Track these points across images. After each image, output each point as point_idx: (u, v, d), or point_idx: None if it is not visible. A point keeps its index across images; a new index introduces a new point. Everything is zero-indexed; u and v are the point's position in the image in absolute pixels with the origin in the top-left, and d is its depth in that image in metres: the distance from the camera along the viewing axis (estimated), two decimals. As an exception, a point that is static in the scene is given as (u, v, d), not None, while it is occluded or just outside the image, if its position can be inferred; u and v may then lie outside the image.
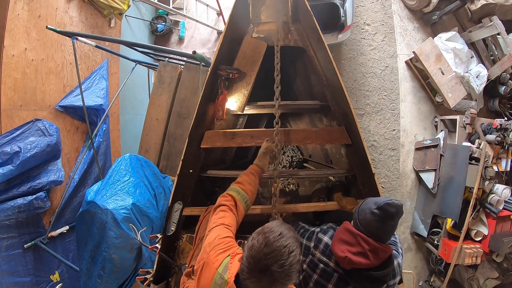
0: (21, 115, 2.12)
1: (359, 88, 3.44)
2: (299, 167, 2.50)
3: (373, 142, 3.39)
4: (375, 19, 3.52)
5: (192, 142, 1.59)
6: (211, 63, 1.53)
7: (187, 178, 1.65)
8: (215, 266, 0.94)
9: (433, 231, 3.06)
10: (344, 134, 1.65)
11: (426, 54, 3.01)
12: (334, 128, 1.82)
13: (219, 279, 0.92)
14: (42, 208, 2.08)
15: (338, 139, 1.69)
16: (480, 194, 2.82)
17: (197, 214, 1.61)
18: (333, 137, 1.69)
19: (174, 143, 2.63)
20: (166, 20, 3.91)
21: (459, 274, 3.05)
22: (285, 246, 0.83)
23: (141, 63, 3.22)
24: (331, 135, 1.69)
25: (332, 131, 1.72)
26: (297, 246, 0.86)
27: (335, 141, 1.74)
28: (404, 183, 3.37)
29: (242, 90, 1.75)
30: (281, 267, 0.80)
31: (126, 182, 2.06)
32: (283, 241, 0.84)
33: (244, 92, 1.74)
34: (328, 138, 1.69)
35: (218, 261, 0.95)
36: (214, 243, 1.01)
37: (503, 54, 3.17)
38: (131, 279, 2.05)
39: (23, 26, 2.11)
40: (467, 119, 2.96)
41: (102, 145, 2.69)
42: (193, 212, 1.63)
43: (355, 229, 1.03)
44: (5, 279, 1.94)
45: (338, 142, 1.75)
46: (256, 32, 1.61)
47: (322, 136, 1.62)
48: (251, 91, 1.75)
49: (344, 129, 1.67)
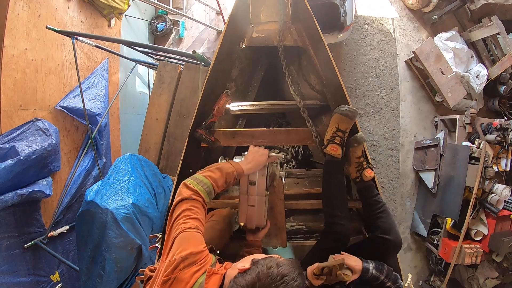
0: (21, 115, 2.12)
1: (359, 88, 3.44)
2: (305, 162, 2.47)
3: (373, 142, 3.39)
4: (375, 19, 3.52)
5: (192, 141, 1.59)
6: (211, 64, 1.53)
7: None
8: (189, 285, 0.83)
9: (433, 231, 3.06)
10: (344, 134, 1.64)
11: (426, 53, 3.01)
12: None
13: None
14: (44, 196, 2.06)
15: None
16: (480, 194, 2.82)
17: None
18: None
19: (174, 143, 2.63)
20: (166, 20, 3.91)
21: (459, 274, 3.05)
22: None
23: (141, 63, 3.23)
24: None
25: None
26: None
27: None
28: (404, 182, 3.37)
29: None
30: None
31: (126, 182, 2.06)
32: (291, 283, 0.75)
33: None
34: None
35: (192, 280, 0.83)
36: (190, 259, 0.85)
37: (503, 54, 3.17)
38: (131, 279, 2.05)
39: (23, 26, 2.11)
40: (467, 118, 2.96)
41: (102, 145, 2.70)
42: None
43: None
44: (6, 279, 1.94)
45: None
46: (256, 32, 1.61)
47: (322, 136, 1.61)
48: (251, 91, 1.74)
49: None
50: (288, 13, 1.53)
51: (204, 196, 1.00)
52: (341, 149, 1.39)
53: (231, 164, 1.13)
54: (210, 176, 1.05)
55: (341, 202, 1.37)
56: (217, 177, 1.05)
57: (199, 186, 1.00)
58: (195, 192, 0.98)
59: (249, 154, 1.23)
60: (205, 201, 1.00)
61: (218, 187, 1.05)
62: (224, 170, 1.08)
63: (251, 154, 1.22)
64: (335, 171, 1.40)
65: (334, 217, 1.32)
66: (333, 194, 1.38)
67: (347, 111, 1.34)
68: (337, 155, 1.38)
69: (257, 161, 1.20)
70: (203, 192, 1.00)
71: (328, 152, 1.39)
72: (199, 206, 0.97)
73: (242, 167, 1.15)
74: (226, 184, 1.08)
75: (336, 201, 1.37)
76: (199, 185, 1.01)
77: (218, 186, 1.05)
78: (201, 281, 0.83)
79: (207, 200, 1.01)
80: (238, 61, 1.81)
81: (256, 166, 1.20)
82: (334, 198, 1.38)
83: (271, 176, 1.30)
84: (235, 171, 1.11)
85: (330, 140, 1.40)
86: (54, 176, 2.30)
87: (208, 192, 1.01)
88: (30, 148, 1.99)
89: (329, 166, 1.42)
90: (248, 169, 1.17)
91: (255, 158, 1.20)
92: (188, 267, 0.84)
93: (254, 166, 1.19)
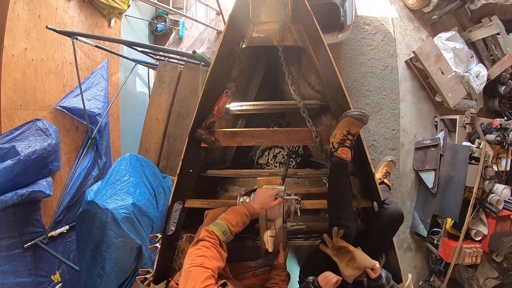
0: (21, 115, 2.12)
1: (359, 88, 3.44)
2: (305, 162, 2.48)
3: (373, 142, 3.39)
4: (375, 19, 3.52)
5: (192, 141, 1.59)
6: (211, 64, 1.53)
7: (187, 178, 1.65)
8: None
9: (433, 231, 3.06)
10: (344, 134, 1.64)
11: (426, 53, 3.01)
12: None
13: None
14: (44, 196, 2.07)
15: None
16: (480, 194, 2.82)
17: (199, 206, 1.61)
18: (333, 137, 1.68)
19: (174, 143, 2.63)
20: (166, 20, 3.91)
21: (459, 274, 3.05)
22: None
23: (141, 62, 3.23)
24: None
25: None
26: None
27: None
28: (404, 182, 3.37)
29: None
30: None
31: (126, 181, 2.06)
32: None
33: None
34: (328, 138, 1.69)
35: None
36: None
37: (503, 54, 3.17)
38: (131, 279, 2.05)
39: (23, 26, 2.11)
40: (467, 118, 2.96)
41: (102, 145, 2.70)
42: (195, 204, 1.62)
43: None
44: (7, 280, 1.94)
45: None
46: (256, 32, 1.61)
47: (322, 136, 1.61)
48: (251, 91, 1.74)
49: (344, 129, 1.66)
50: (288, 13, 1.53)
51: (219, 235, 1.12)
52: (351, 152, 1.40)
53: (243, 206, 1.27)
54: (225, 218, 1.20)
55: (347, 204, 1.38)
56: (230, 217, 1.20)
57: (214, 227, 1.14)
58: (210, 232, 1.11)
59: (256, 196, 1.32)
60: (221, 239, 1.12)
61: (233, 226, 1.18)
62: (237, 211, 1.23)
63: (258, 196, 1.31)
64: (343, 173, 1.40)
65: (339, 219, 1.33)
66: (339, 196, 1.39)
67: (361, 115, 1.34)
68: (347, 158, 1.38)
69: (265, 204, 1.29)
70: (218, 231, 1.13)
71: (339, 155, 1.39)
72: (208, 245, 1.07)
73: (253, 207, 1.27)
74: (242, 223, 1.22)
75: (342, 203, 1.38)
76: (215, 226, 1.16)
77: (233, 226, 1.18)
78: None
79: (222, 238, 1.13)
80: (238, 61, 1.81)
81: (265, 206, 1.29)
82: (340, 200, 1.38)
83: (287, 212, 1.36)
84: (247, 211, 1.24)
85: (340, 143, 1.40)
86: (54, 176, 2.30)
87: (223, 231, 1.14)
88: (30, 148, 1.99)
89: (337, 168, 1.41)
90: (258, 209, 1.28)
91: (264, 201, 1.29)
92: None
93: (264, 207, 1.29)
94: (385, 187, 2.16)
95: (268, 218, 1.34)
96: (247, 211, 1.24)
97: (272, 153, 2.47)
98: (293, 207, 1.35)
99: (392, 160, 2.46)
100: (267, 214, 1.33)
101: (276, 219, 1.34)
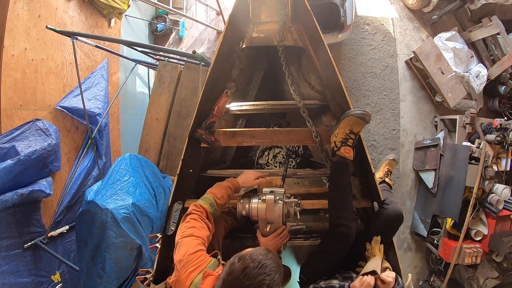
0: (21, 115, 2.12)
1: (359, 88, 3.44)
2: (305, 162, 2.48)
3: (373, 142, 3.39)
4: (375, 19, 3.52)
5: (192, 141, 1.59)
6: (211, 64, 1.53)
7: (187, 178, 1.65)
8: (186, 285, 0.91)
9: (433, 231, 3.06)
10: (344, 134, 1.63)
11: (426, 53, 3.01)
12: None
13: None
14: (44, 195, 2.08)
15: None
16: (480, 194, 2.82)
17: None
18: (333, 137, 1.68)
19: (174, 143, 2.63)
20: (166, 20, 3.91)
21: (459, 274, 3.05)
22: (264, 283, 0.81)
23: (141, 62, 3.23)
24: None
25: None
26: (278, 283, 0.85)
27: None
28: (404, 182, 3.37)
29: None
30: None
31: (126, 182, 2.06)
32: (264, 276, 0.82)
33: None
34: (328, 138, 1.69)
35: (189, 280, 0.92)
36: (184, 260, 0.97)
37: (503, 54, 3.17)
38: (131, 279, 2.05)
39: (23, 26, 2.11)
40: (467, 118, 2.96)
41: (102, 145, 2.70)
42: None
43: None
44: (7, 280, 1.94)
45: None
46: (256, 32, 1.61)
47: (322, 136, 1.61)
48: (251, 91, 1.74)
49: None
50: (288, 13, 1.53)
51: (207, 207, 1.21)
52: (353, 151, 1.39)
53: (228, 180, 1.37)
54: (211, 192, 1.30)
55: (348, 204, 1.38)
56: (215, 191, 1.30)
57: (201, 201, 1.23)
58: (197, 206, 1.20)
59: (242, 174, 1.44)
60: (208, 211, 1.21)
61: (219, 199, 1.27)
62: (221, 185, 1.34)
63: (244, 174, 1.43)
64: (344, 172, 1.39)
65: (340, 219, 1.33)
66: (340, 196, 1.38)
67: (364, 114, 1.34)
68: (349, 157, 1.38)
69: (247, 181, 1.41)
70: (205, 204, 1.22)
71: (341, 154, 1.39)
72: (196, 217, 1.15)
73: (237, 181, 1.38)
74: (227, 196, 1.32)
75: (343, 202, 1.37)
76: (202, 200, 1.25)
77: (219, 198, 1.28)
78: (197, 281, 0.92)
79: (210, 210, 1.22)
80: (238, 61, 1.81)
81: (247, 184, 1.41)
82: (341, 199, 1.38)
83: (287, 214, 1.36)
84: (231, 184, 1.35)
85: (343, 142, 1.39)
86: (54, 176, 2.30)
87: (210, 203, 1.23)
88: (30, 148, 1.99)
89: (339, 167, 1.41)
90: (241, 183, 1.39)
91: (246, 179, 1.41)
92: (184, 268, 0.94)
93: (246, 184, 1.41)
94: (386, 186, 2.16)
95: (267, 220, 1.34)
96: (231, 185, 1.34)
97: (272, 153, 2.47)
98: (292, 210, 1.35)
99: (394, 159, 2.45)
100: (267, 216, 1.33)
101: (275, 221, 1.34)
